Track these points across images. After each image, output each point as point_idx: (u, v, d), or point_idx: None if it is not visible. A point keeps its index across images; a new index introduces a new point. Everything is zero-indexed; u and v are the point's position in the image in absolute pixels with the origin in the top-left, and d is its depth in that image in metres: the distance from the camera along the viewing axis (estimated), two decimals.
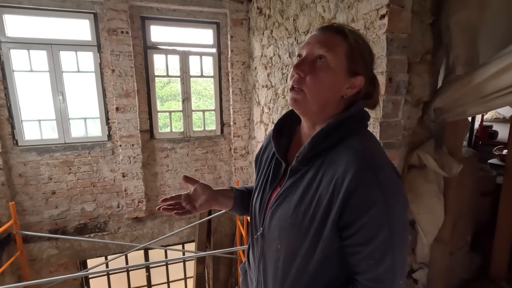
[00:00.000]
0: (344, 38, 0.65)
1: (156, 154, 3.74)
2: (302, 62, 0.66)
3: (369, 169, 0.58)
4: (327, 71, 0.64)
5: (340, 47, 0.65)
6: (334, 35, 0.66)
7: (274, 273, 0.72)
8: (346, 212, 0.58)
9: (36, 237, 3.28)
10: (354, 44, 0.65)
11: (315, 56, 0.66)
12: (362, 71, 0.67)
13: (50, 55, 3.22)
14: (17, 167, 3.26)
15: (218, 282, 3.85)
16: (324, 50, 0.64)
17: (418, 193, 1.60)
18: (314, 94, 0.65)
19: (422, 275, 1.75)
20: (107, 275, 3.93)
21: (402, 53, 1.40)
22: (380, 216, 0.57)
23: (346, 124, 0.65)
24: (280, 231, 0.69)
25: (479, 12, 1.40)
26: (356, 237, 0.59)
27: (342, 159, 0.61)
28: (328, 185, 0.60)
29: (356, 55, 0.65)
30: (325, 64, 0.64)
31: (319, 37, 0.66)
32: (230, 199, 0.88)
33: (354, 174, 0.57)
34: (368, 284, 0.60)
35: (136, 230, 3.70)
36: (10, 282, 3.10)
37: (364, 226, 0.57)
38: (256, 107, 3.60)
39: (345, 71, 0.65)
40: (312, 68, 0.65)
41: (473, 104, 1.42)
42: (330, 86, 0.65)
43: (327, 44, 0.65)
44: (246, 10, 3.61)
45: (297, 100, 0.67)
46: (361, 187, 0.57)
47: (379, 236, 0.57)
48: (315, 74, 0.65)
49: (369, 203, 0.57)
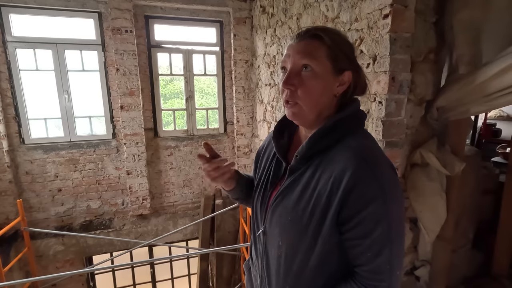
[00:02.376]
0: (321, 41, 0.65)
1: (160, 152, 3.77)
2: (289, 77, 0.66)
3: (367, 166, 0.60)
4: (315, 79, 0.65)
5: (320, 51, 0.65)
6: (310, 41, 0.66)
7: (277, 269, 0.74)
8: (345, 208, 0.60)
9: (43, 234, 3.33)
10: (331, 43, 0.65)
11: (299, 67, 0.66)
12: (347, 66, 0.68)
13: (56, 54, 3.26)
14: (24, 165, 3.32)
15: (221, 279, 3.89)
16: (307, 59, 0.65)
17: (420, 191, 1.61)
18: (309, 104, 0.67)
19: (424, 272, 1.77)
20: (112, 271, 3.98)
21: (405, 53, 1.40)
22: (378, 211, 0.59)
23: (343, 124, 0.67)
24: (281, 228, 0.71)
25: (483, 11, 1.40)
26: (355, 231, 0.61)
27: (340, 158, 0.63)
28: (327, 183, 0.63)
29: (337, 53, 0.66)
30: (312, 73, 0.65)
31: (297, 47, 0.67)
32: (234, 180, 0.89)
33: (353, 172, 0.59)
34: (367, 276, 0.63)
35: (141, 227, 3.74)
36: (18, 278, 3.15)
37: (362, 220, 0.60)
38: (259, 105, 3.61)
39: (332, 72, 0.66)
40: (300, 80, 0.66)
41: (476, 103, 1.42)
42: (322, 91, 0.67)
43: (307, 53, 0.65)
44: (249, 8, 3.62)
45: (295, 113, 0.69)
46: (360, 184, 0.59)
47: (377, 230, 0.59)
48: (305, 86, 0.66)
49: (368, 198, 0.59)
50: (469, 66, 1.42)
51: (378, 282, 0.62)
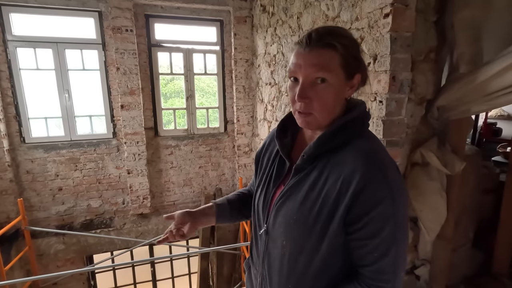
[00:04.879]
0: (334, 50, 0.62)
1: (161, 151, 3.77)
2: (303, 90, 0.64)
3: (376, 168, 0.61)
4: (331, 90, 0.64)
5: (334, 61, 0.63)
6: (323, 51, 0.62)
7: (279, 269, 0.73)
8: (354, 209, 0.61)
9: (44, 233, 3.34)
10: (344, 51, 0.63)
11: (313, 79, 0.64)
12: (357, 69, 0.67)
13: (56, 53, 3.26)
14: (24, 164, 3.32)
15: (221, 278, 3.90)
16: (322, 72, 0.62)
17: (421, 190, 1.61)
18: (324, 113, 0.66)
19: (424, 271, 1.77)
20: (113, 270, 3.99)
21: (406, 52, 1.40)
22: (387, 211, 0.60)
23: (350, 126, 0.67)
24: (285, 227, 0.71)
25: (483, 10, 1.40)
26: (363, 231, 0.61)
27: (349, 159, 0.63)
28: (335, 184, 0.63)
29: (349, 59, 0.65)
30: (327, 85, 0.63)
31: (309, 58, 0.63)
32: (212, 215, 0.93)
33: (362, 174, 0.60)
34: (372, 276, 0.63)
35: (141, 226, 3.75)
36: (19, 277, 3.16)
37: (371, 220, 0.60)
38: (260, 104, 3.61)
39: (345, 79, 0.66)
40: (315, 92, 0.64)
41: (476, 102, 1.43)
42: (335, 100, 0.66)
43: (322, 66, 0.62)
44: (249, 7, 3.61)
45: (309, 122, 0.67)
46: (370, 186, 0.59)
47: (384, 230, 0.60)
48: (321, 98, 0.64)
49: (377, 199, 0.60)
50: (470, 65, 1.42)
51: (382, 283, 0.63)
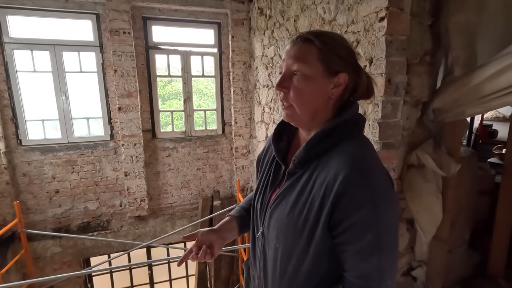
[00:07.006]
0: (312, 45, 0.67)
1: (158, 153, 3.77)
2: (282, 80, 0.70)
3: (359, 171, 0.60)
4: (305, 81, 0.67)
5: (310, 54, 0.67)
6: (302, 45, 0.68)
7: (273, 271, 0.75)
8: (336, 212, 0.60)
9: (40, 236, 3.32)
10: (322, 46, 0.66)
11: (291, 72, 0.69)
12: (342, 68, 0.68)
13: (53, 55, 3.25)
14: (21, 166, 3.30)
15: (219, 280, 3.89)
16: (297, 64, 0.67)
17: (417, 192, 1.62)
18: (301, 105, 0.69)
19: (420, 272, 1.78)
20: (110, 273, 3.97)
21: (401, 55, 1.42)
22: (368, 217, 0.59)
23: (340, 129, 0.68)
24: (277, 231, 0.72)
25: (478, 13, 1.42)
26: (344, 235, 0.61)
27: (334, 163, 0.63)
28: (320, 188, 0.63)
29: (329, 55, 0.67)
30: (302, 76, 0.67)
31: (290, 52, 0.69)
32: (234, 230, 0.92)
33: (344, 176, 0.59)
34: (355, 281, 0.62)
35: (139, 229, 3.73)
36: (15, 280, 3.14)
37: (352, 225, 0.59)
38: (257, 106, 3.62)
39: (324, 74, 0.67)
40: (291, 83, 0.69)
41: (471, 105, 1.44)
42: (313, 93, 0.68)
43: (298, 57, 0.67)
44: (247, 10, 3.63)
45: (288, 115, 0.72)
46: (351, 189, 0.59)
47: (365, 236, 0.59)
48: (296, 88, 0.68)
49: (358, 204, 0.59)
50: (464, 68, 1.44)
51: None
